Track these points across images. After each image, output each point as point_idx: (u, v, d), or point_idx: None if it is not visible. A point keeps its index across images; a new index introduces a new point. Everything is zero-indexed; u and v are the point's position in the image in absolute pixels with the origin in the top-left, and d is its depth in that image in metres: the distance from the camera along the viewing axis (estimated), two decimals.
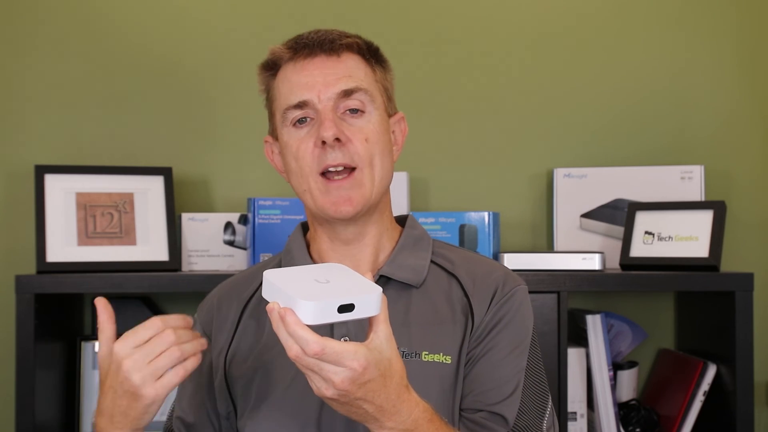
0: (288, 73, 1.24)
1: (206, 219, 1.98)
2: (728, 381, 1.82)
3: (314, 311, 0.96)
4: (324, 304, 0.97)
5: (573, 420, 1.87)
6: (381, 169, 1.23)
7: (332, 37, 1.23)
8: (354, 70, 1.23)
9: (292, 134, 1.23)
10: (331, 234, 1.26)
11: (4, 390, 1.98)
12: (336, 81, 1.21)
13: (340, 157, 1.20)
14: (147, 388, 1.06)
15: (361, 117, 1.22)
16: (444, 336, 1.23)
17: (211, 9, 2.13)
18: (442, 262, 1.29)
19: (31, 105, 2.09)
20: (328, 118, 1.20)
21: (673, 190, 2.02)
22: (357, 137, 1.21)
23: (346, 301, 0.98)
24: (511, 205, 2.13)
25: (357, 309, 0.98)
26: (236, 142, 2.12)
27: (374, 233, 1.27)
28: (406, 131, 1.32)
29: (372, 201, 1.23)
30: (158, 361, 1.06)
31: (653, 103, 2.15)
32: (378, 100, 1.25)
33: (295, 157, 1.23)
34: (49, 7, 2.10)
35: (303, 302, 0.96)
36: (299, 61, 1.23)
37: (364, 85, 1.23)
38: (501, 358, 1.22)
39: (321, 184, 1.21)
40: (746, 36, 2.15)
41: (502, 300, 1.25)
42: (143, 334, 1.07)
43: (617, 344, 2.05)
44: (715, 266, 1.82)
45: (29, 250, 1.98)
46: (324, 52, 1.22)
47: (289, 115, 1.23)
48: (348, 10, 2.11)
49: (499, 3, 2.16)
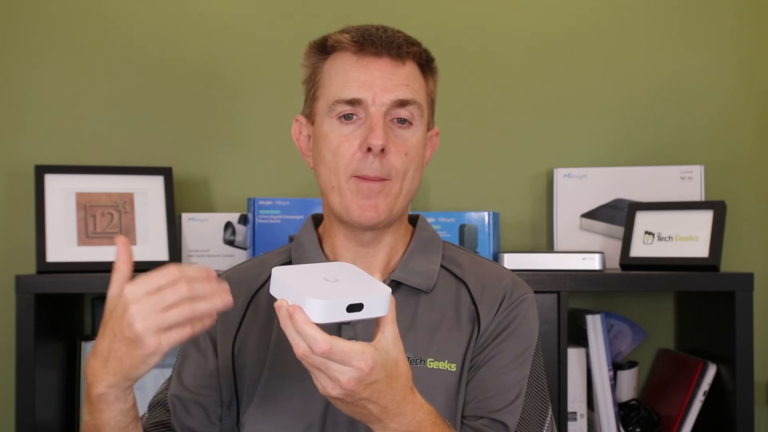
0: (347, 64, 1.21)
1: (206, 219, 1.98)
2: (728, 381, 1.82)
3: (323, 310, 0.96)
4: (333, 303, 0.96)
5: (573, 420, 1.87)
6: (410, 183, 1.23)
7: (400, 41, 1.21)
8: (412, 80, 1.22)
9: (335, 127, 1.21)
10: (348, 234, 1.25)
11: (4, 390, 1.98)
12: (395, 87, 1.20)
13: (377, 168, 1.19)
14: (149, 338, 0.97)
15: (407, 129, 1.22)
16: (450, 343, 1.22)
17: (211, 9, 2.13)
18: (452, 267, 1.29)
19: (31, 105, 2.09)
20: (379, 126, 1.18)
21: (673, 190, 2.02)
22: (399, 150, 1.20)
23: (356, 301, 0.97)
24: (511, 205, 2.13)
25: (366, 309, 0.98)
26: (236, 142, 2.12)
27: (390, 239, 1.27)
28: (436, 147, 1.32)
29: (396, 213, 1.23)
30: (167, 314, 0.97)
31: (653, 103, 2.15)
32: (425, 114, 1.24)
33: (333, 152, 1.20)
34: (49, 7, 2.10)
35: (312, 300, 0.96)
36: (363, 58, 1.20)
37: (419, 99, 1.22)
38: (504, 365, 1.22)
39: (353, 184, 1.20)
40: (746, 36, 2.15)
41: (510, 308, 1.25)
42: (158, 281, 0.98)
43: (617, 344, 2.05)
44: (715, 266, 1.82)
45: (29, 250, 1.98)
46: (390, 55, 1.20)
47: (338, 108, 1.20)
48: (348, 10, 2.11)
49: (500, 3, 2.16)
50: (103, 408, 1.04)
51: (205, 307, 0.99)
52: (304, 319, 0.96)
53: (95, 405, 1.04)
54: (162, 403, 1.27)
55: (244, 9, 2.13)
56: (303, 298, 0.96)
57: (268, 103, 2.12)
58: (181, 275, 0.98)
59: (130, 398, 1.06)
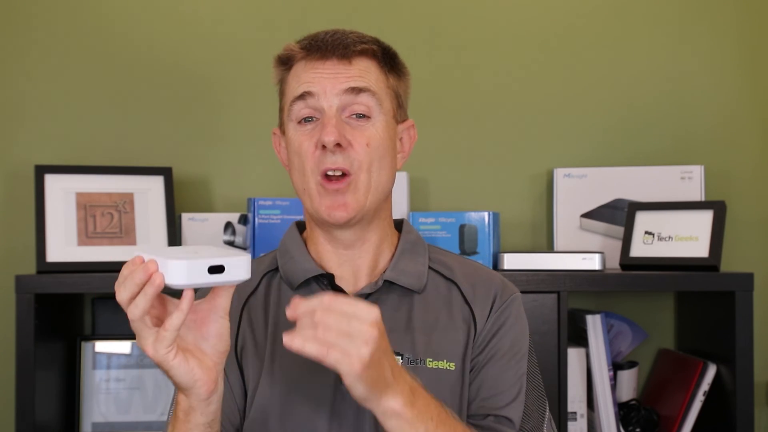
0: (299, 69, 1.25)
1: (206, 219, 1.98)
2: (728, 381, 1.82)
3: (184, 270, 0.97)
4: (193, 264, 0.97)
5: (573, 420, 1.87)
6: (379, 176, 1.22)
7: (347, 41, 1.23)
8: (365, 72, 1.23)
9: (297, 131, 1.23)
10: (330, 237, 1.26)
11: (4, 390, 1.98)
12: (346, 79, 1.21)
13: (339, 161, 1.20)
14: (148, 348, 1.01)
15: (366, 122, 1.22)
16: (447, 342, 1.23)
17: (211, 9, 2.13)
18: (440, 268, 1.30)
19: (31, 105, 2.09)
20: (331, 122, 1.19)
21: (673, 190, 2.02)
22: (359, 141, 1.21)
23: (216, 263, 0.99)
24: (511, 205, 2.13)
25: (227, 271, 0.99)
26: (236, 142, 2.12)
27: (374, 239, 1.27)
28: (415, 138, 1.32)
29: (367, 207, 1.22)
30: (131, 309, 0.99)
31: (653, 104, 2.15)
32: (386, 106, 1.24)
33: (297, 154, 1.23)
34: (49, 7, 2.10)
35: (172, 262, 0.97)
36: (311, 61, 1.23)
37: (373, 87, 1.22)
38: (504, 364, 1.23)
39: (320, 186, 1.21)
40: (746, 36, 2.15)
41: (502, 307, 1.26)
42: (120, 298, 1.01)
43: (617, 344, 2.05)
44: (715, 266, 1.82)
45: (29, 250, 1.98)
46: (336, 56, 1.22)
47: (295, 108, 1.23)
48: (349, 11, 2.11)
49: (500, 4, 2.16)
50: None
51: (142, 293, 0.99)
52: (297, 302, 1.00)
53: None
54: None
55: (243, 10, 2.13)
56: (164, 263, 0.97)
57: (269, 104, 2.10)
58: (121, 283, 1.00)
59: (208, 412, 1.07)
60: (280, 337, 1.21)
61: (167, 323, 0.99)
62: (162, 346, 1.00)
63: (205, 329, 1.05)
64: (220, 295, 1.05)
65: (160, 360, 1.01)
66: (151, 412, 1.96)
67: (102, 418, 1.94)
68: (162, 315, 1.03)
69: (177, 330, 0.99)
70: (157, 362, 1.02)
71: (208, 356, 1.05)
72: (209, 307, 1.05)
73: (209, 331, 1.05)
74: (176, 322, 0.99)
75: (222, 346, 1.05)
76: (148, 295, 0.97)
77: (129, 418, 1.94)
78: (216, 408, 1.08)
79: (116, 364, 1.96)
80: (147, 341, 1.00)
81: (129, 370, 1.96)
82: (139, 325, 1.00)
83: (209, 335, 1.05)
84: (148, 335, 1.00)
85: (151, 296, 0.97)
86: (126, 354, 1.97)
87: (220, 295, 1.05)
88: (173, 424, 1.09)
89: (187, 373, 1.02)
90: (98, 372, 1.96)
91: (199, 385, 1.03)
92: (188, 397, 1.05)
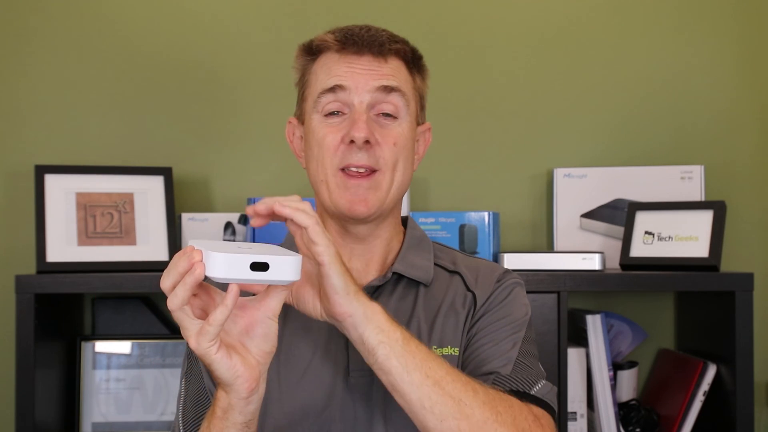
0: (330, 61, 1.24)
1: (206, 219, 1.98)
2: (728, 381, 1.82)
3: (224, 263, 0.93)
4: (235, 258, 0.94)
5: (573, 420, 1.87)
6: (401, 175, 1.24)
7: (382, 39, 1.23)
8: (396, 73, 1.24)
9: (321, 122, 1.23)
10: (343, 230, 1.26)
11: (4, 390, 1.98)
12: (379, 77, 1.22)
13: (365, 158, 1.20)
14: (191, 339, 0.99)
15: (393, 121, 1.23)
16: (448, 328, 1.24)
17: (212, 9, 2.13)
18: (444, 263, 1.31)
19: (31, 105, 2.09)
20: (362, 119, 1.20)
21: (673, 190, 2.02)
22: (386, 141, 1.21)
23: (261, 260, 0.95)
24: (511, 205, 2.13)
25: (272, 270, 0.95)
26: (236, 142, 2.12)
27: (386, 235, 1.28)
28: (429, 142, 1.33)
29: (387, 205, 1.23)
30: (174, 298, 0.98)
31: (653, 103, 2.15)
32: (412, 107, 1.25)
33: (319, 145, 1.22)
34: (49, 7, 2.10)
35: (213, 254, 0.93)
36: (345, 56, 1.23)
37: (403, 88, 1.23)
38: (498, 334, 1.23)
39: (340, 179, 1.21)
40: (746, 36, 2.15)
41: (502, 286, 1.28)
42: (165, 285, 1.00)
43: (617, 344, 2.05)
44: (715, 266, 1.82)
45: (29, 250, 1.98)
46: (372, 52, 1.22)
47: (323, 100, 1.22)
48: (349, 10, 2.11)
49: (500, 5, 2.16)
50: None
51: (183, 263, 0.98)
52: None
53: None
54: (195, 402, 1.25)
55: (244, 10, 2.13)
56: (207, 254, 0.94)
57: (268, 104, 2.12)
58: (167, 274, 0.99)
59: (246, 411, 1.06)
60: (288, 331, 1.22)
61: (211, 318, 0.97)
62: (205, 339, 0.98)
63: (251, 328, 1.03)
64: (271, 296, 1.03)
65: (202, 353, 0.99)
66: (151, 412, 1.96)
67: (102, 418, 1.94)
68: (208, 307, 1.01)
69: (221, 325, 0.97)
70: (199, 355, 1.00)
71: (252, 354, 1.03)
72: (259, 306, 1.03)
73: (255, 330, 1.03)
74: (220, 317, 0.96)
75: (268, 347, 1.03)
76: (188, 284, 0.95)
77: (129, 418, 1.94)
78: (255, 408, 1.06)
79: (116, 364, 1.96)
80: (190, 332, 0.99)
81: (129, 370, 1.96)
82: (180, 315, 0.98)
83: (255, 334, 1.03)
84: (191, 326, 0.98)
85: (190, 286, 0.95)
86: (126, 354, 1.97)
87: (271, 296, 1.03)
88: (209, 421, 1.07)
89: (229, 369, 1.00)
90: (98, 372, 1.96)
91: (240, 382, 1.01)
92: (228, 394, 1.03)
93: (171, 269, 0.98)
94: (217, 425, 1.06)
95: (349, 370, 1.20)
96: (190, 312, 0.98)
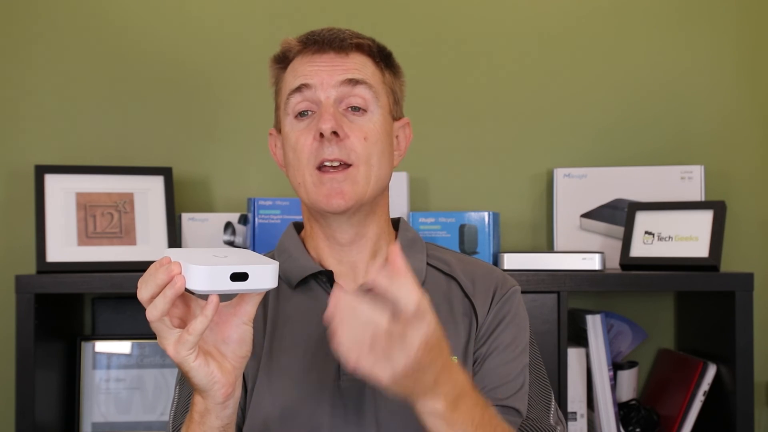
0: (297, 64, 1.25)
1: (206, 219, 1.98)
2: (728, 381, 1.82)
3: (206, 276, 0.95)
4: (216, 270, 0.95)
5: (573, 420, 1.87)
6: (378, 170, 1.23)
7: (343, 36, 1.24)
8: (361, 66, 1.24)
9: (293, 125, 1.24)
10: (328, 233, 1.26)
11: (4, 390, 1.98)
12: (343, 72, 1.22)
13: (336, 152, 1.20)
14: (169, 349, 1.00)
15: (362, 115, 1.23)
16: (449, 337, 1.22)
17: (211, 9, 2.13)
18: (438, 264, 1.30)
19: (31, 105, 2.09)
20: (328, 112, 1.20)
21: (673, 190, 2.02)
22: (356, 134, 1.21)
23: (240, 270, 0.97)
24: (511, 205, 2.13)
25: (251, 279, 0.97)
26: (236, 142, 2.12)
27: (372, 235, 1.27)
28: (411, 137, 1.33)
29: (365, 199, 1.22)
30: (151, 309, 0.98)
31: (653, 103, 2.15)
32: (382, 101, 1.25)
33: (293, 149, 1.23)
34: (49, 7, 2.10)
35: (195, 267, 0.95)
36: (308, 55, 1.24)
37: (369, 80, 1.23)
38: (506, 356, 1.24)
39: (315, 177, 1.21)
40: (746, 36, 2.15)
41: (503, 299, 1.27)
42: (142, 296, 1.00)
43: (617, 344, 2.05)
44: (715, 266, 1.82)
45: (29, 250, 1.98)
46: (333, 49, 1.23)
47: (292, 102, 1.23)
48: (348, 10, 2.11)
49: (500, 4, 2.16)
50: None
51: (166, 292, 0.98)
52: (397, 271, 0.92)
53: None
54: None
55: (243, 10, 2.13)
56: (187, 266, 0.96)
57: (269, 104, 2.11)
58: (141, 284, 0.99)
59: (223, 415, 1.07)
60: (278, 335, 1.22)
61: (191, 327, 0.98)
62: (184, 348, 0.99)
63: (227, 333, 1.04)
64: (246, 302, 1.04)
65: (180, 361, 1.00)
66: (151, 412, 1.96)
67: (102, 418, 1.94)
68: (185, 316, 1.03)
69: (200, 335, 0.99)
70: (177, 363, 1.01)
71: (228, 359, 1.04)
72: (233, 312, 1.04)
73: (231, 335, 1.04)
74: (200, 327, 0.98)
75: (243, 351, 1.05)
76: (168, 297, 0.97)
77: (129, 418, 1.94)
78: (232, 412, 1.07)
79: (116, 364, 1.96)
80: (168, 341, 1.00)
81: (129, 370, 1.96)
82: (159, 325, 0.99)
83: (230, 340, 1.04)
84: (169, 336, 1.00)
85: (170, 298, 0.97)
86: (126, 354, 1.97)
87: (246, 302, 1.04)
88: (188, 426, 1.09)
89: (207, 375, 1.02)
90: (98, 372, 1.96)
91: (217, 387, 1.03)
92: (205, 399, 1.05)
93: (148, 280, 0.98)
94: (196, 430, 1.07)
95: (340, 374, 1.20)
96: (168, 322, 0.99)
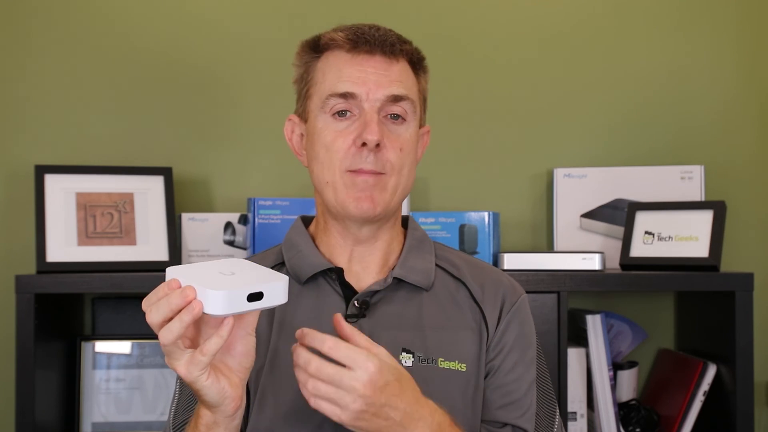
0: (340, 61, 1.22)
1: (206, 219, 1.98)
2: (728, 381, 1.82)
3: (224, 301, 0.96)
4: (233, 294, 0.97)
5: (573, 420, 1.87)
6: (406, 179, 1.23)
7: (392, 39, 1.22)
8: (405, 77, 1.23)
9: (329, 124, 1.21)
10: (344, 231, 1.25)
11: (4, 390, 1.98)
12: (388, 84, 1.20)
13: (372, 161, 1.19)
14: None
15: (401, 124, 1.22)
16: (459, 343, 1.23)
17: (212, 9, 2.13)
18: (447, 266, 1.30)
19: (31, 105, 2.09)
20: (374, 121, 1.19)
21: (673, 190, 2.02)
22: (393, 145, 1.20)
23: (255, 290, 0.98)
24: (511, 205, 2.13)
25: (266, 297, 0.99)
26: (236, 142, 2.12)
27: (386, 237, 1.27)
28: (427, 144, 1.33)
29: (391, 207, 1.23)
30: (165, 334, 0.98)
31: (653, 103, 2.15)
32: (418, 111, 1.25)
33: (327, 148, 1.21)
34: (49, 7, 2.09)
35: (212, 292, 0.96)
36: (357, 56, 1.21)
37: (411, 95, 1.23)
38: (516, 371, 1.25)
39: (348, 178, 1.20)
40: (746, 36, 2.15)
41: (512, 310, 1.27)
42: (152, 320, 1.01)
43: (617, 344, 2.05)
44: (715, 266, 1.82)
45: (29, 250, 1.98)
46: (383, 53, 1.21)
47: (331, 103, 1.21)
48: (348, 10, 2.11)
49: (500, 4, 2.16)
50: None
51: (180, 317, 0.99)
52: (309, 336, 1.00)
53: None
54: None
55: (244, 9, 2.13)
56: (203, 291, 0.96)
57: (269, 104, 2.12)
58: (148, 306, 1.00)
59: (231, 427, 1.07)
60: (285, 332, 1.22)
61: (205, 348, 0.98)
62: (196, 369, 0.99)
63: (232, 346, 1.04)
64: (250, 313, 1.04)
65: (192, 381, 1.00)
66: (151, 412, 1.96)
67: (102, 418, 1.94)
68: (194, 336, 1.02)
69: (213, 355, 0.99)
70: (189, 382, 1.01)
71: (235, 372, 1.04)
72: (238, 324, 1.04)
73: (236, 348, 1.04)
74: (214, 347, 0.98)
75: (248, 363, 1.05)
76: (185, 321, 0.96)
77: (129, 418, 1.94)
78: (239, 423, 1.07)
79: (116, 364, 1.96)
80: (179, 362, 1.00)
81: (129, 370, 1.96)
82: (171, 348, 0.99)
83: (236, 352, 1.04)
84: (181, 357, 1.00)
85: (187, 323, 0.96)
86: (126, 354, 1.97)
87: (250, 313, 1.04)
88: None
89: (219, 392, 1.02)
90: (98, 372, 1.96)
91: (228, 402, 1.03)
92: (214, 413, 1.05)
93: (161, 304, 0.98)
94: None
95: None
96: (181, 344, 0.99)
